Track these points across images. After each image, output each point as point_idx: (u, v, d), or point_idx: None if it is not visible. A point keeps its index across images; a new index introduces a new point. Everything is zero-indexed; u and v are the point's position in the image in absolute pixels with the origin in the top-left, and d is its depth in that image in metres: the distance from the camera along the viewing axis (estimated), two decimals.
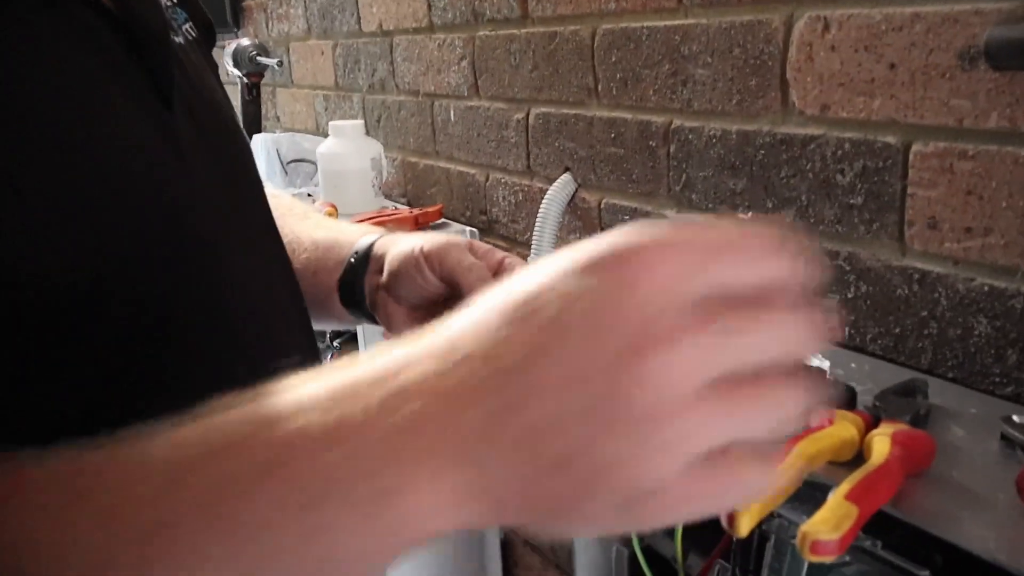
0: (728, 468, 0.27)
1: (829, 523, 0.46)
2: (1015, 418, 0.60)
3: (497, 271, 0.58)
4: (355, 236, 0.66)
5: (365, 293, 0.63)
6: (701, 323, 0.26)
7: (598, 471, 0.27)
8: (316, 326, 0.65)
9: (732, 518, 0.48)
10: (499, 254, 0.59)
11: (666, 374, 0.26)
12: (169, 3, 0.65)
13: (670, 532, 0.77)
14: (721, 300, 0.27)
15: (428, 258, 0.59)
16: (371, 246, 0.63)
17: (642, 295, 0.26)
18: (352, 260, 0.64)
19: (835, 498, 0.48)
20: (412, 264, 0.59)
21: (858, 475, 0.50)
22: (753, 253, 0.28)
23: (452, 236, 0.61)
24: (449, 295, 0.59)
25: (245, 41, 1.89)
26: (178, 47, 0.59)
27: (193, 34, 0.67)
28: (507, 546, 1.52)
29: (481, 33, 1.32)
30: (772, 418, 0.27)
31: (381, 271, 0.62)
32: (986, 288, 0.70)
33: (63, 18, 0.49)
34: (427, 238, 0.61)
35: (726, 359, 0.27)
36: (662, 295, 0.26)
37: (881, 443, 0.55)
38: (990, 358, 0.71)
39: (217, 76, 0.77)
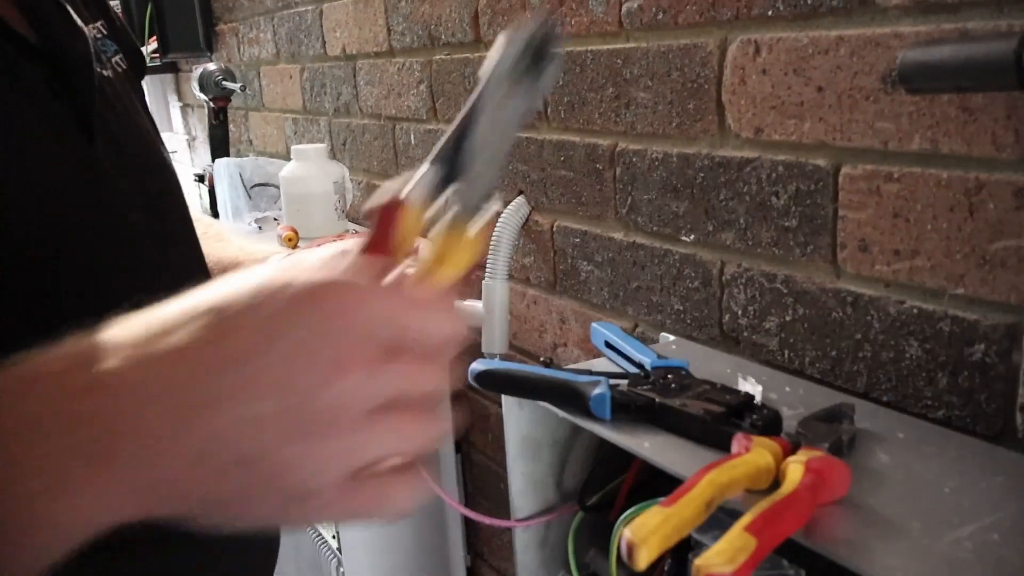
0: (376, 485, 0.32)
1: (724, 555, 0.45)
2: None
3: None
4: (257, 257, 0.66)
5: None
6: (383, 361, 0.32)
7: (276, 472, 0.30)
8: None
9: (631, 549, 0.47)
10: None
11: (349, 397, 0.31)
12: (99, 35, 0.65)
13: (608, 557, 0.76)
14: (400, 344, 0.33)
15: None
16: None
17: (344, 329, 0.31)
18: None
19: (734, 529, 0.47)
20: None
21: (762, 505, 0.49)
22: (434, 318, 0.34)
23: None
24: None
25: (211, 66, 1.90)
26: (104, 80, 0.59)
27: (123, 66, 0.67)
28: (469, 523, 1.51)
29: (437, 57, 1.32)
30: (419, 441, 0.33)
31: None
32: (915, 311, 0.70)
33: None
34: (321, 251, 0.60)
35: (393, 392, 0.32)
36: (359, 331, 0.32)
37: (794, 471, 0.54)
38: (921, 381, 0.70)
39: (146, 106, 0.77)
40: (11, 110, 0.49)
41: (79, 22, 0.58)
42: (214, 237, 0.71)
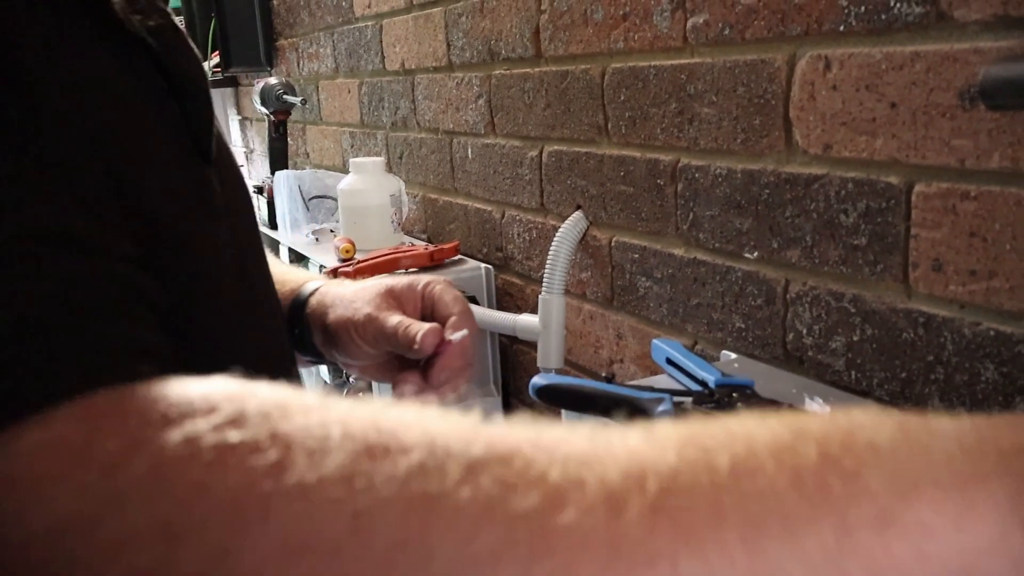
0: None
1: None
2: None
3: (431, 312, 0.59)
4: (299, 280, 0.66)
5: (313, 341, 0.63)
6: None
7: None
8: None
9: None
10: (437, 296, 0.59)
11: None
12: None
13: None
14: None
15: (359, 328, 0.59)
16: (311, 295, 0.63)
17: None
18: (294, 305, 0.64)
19: None
20: (346, 333, 0.59)
21: None
22: None
23: (393, 283, 0.60)
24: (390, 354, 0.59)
25: (272, 80, 1.94)
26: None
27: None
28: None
29: (497, 72, 1.33)
30: None
31: (323, 327, 0.61)
32: (992, 333, 0.68)
33: (120, 54, 0.45)
34: (365, 296, 0.60)
35: None
36: None
37: None
38: (998, 406, 0.68)
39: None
40: (143, 124, 0.46)
41: (193, 46, 0.58)
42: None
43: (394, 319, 0.57)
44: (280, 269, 0.72)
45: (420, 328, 0.55)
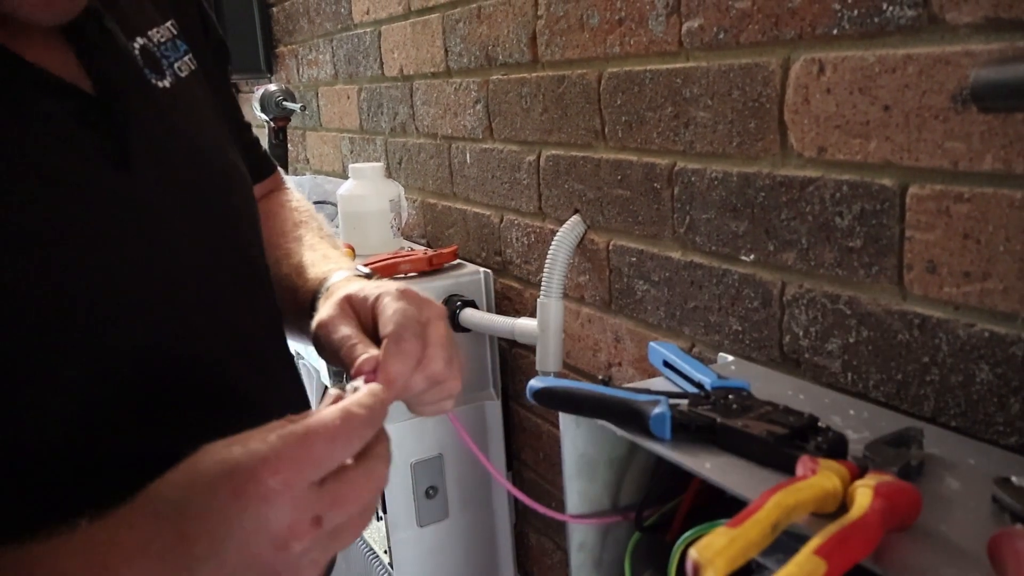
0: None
1: None
2: (1014, 479, 0.57)
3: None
4: (328, 270, 0.66)
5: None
6: (315, 525, 0.41)
7: None
8: (305, 345, 0.67)
9: (696, 570, 0.46)
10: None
11: (295, 559, 0.41)
12: (167, 37, 0.64)
13: None
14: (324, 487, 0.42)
15: (320, 332, 0.58)
16: (323, 293, 0.63)
17: (266, 516, 0.40)
18: (316, 295, 0.64)
19: (803, 552, 0.46)
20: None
21: (832, 528, 0.49)
22: (343, 442, 0.43)
23: (355, 292, 0.59)
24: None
25: (272, 87, 1.94)
26: (160, 92, 0.59)
27: (192, 66, 0.65)
28: (520, 538, 1.50)
29: (494, 77, 1.34)
30: (364, 526, 0.45)
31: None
32: (987, 334, 0.68)
33: (1, 101, 0.48)
34: (332, 300, 0.59)
35: (331, 531, 0.43)
36: (281, 511, 0.40)
37: (863, 495, 0.53)
38: (992, 407, 0.69)
39: (228, 95, 0.76)
40: (27, 157, 0.48)
41: (123, 42, 0.57)
42: (295, 239, 0.72)
43: (342, 332, 0.56)
44: (311, 257, 0.71)
45: (360, 355, 0.53)
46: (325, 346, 0.57)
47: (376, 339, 0.55)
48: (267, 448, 0.40)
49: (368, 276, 0.66)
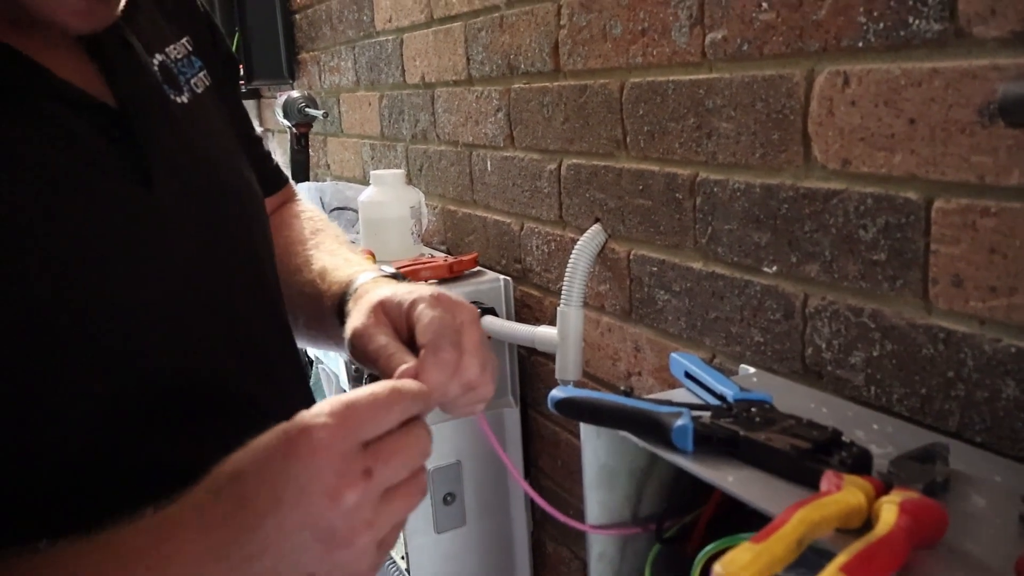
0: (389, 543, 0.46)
1: None
2: None
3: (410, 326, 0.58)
4: (353, 272, 0.66)
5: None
6: (365, 473, 0.43)
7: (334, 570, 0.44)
8: (328, 350, 0.68)
9: None
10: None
11: (351, 512, 0.43)
12: (183, 54, 0.64)
13: None
14: (374, 446, 0.45)
15: (354, 340, 0.58)
16: (351, 296, 0.63)
17: (322, 465, 0.42)
18: (344, 298, 0.64)
19: (829, 569, 0.46)
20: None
21: (858, 546, 0.48)
22: (387, 410, 0.45)
23: (388, 296, 0.59)
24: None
25: (295, 93, 1.96)
26: (178, 108, 0.60)
27: (207, 82, 0.66)
28: (538, 546, 1.50)
29: (516, 86, 1.34)
30: (419, 497, 0.47)
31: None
32: (1013, 349, 0.68)
33: (29, 114, 0.49)
34: (363, 308, 0.59)
35: (383, 488, 0.44)
36: (335, 462, 0.43)
37: (888, 511, 0.53)
38: (1019, 423, 0.68)
39: (239, 110, 0.76)
40: (53, 170, 0.49)
41: (144, 58, 0.58)
42: (314, 246, 0.72)
43: (379, 341, 0.56)
44: (333, 262, 0.72)
45: (399, 365, 0.54)
46: (361, 355, 0.58)
47: (411, 344, 0.56)
48: (316, 412, 0.44)
49: (395, 276, 0.66)
